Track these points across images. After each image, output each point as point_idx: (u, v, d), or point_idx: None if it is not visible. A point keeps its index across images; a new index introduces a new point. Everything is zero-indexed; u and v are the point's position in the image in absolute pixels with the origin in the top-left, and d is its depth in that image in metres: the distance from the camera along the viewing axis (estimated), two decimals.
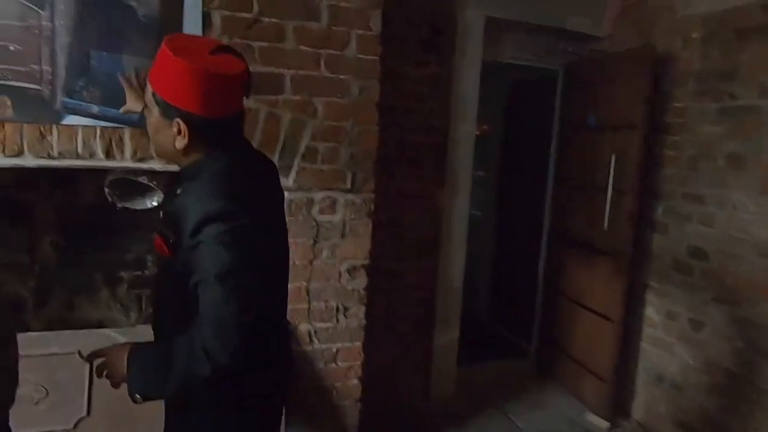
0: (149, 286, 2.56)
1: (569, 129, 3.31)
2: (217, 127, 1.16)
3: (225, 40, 1.92)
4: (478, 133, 3.11)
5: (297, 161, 2.09)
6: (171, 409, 1.34)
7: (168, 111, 1.12)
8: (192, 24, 1.84)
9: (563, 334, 3.28)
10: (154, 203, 2.14)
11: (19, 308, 2.37)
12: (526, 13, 2.97)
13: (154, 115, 1.15)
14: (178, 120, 1.12)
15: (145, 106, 1.20)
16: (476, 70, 2.92)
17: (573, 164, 3.25)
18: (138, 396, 1.13)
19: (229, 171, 1.16)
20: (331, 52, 2.07)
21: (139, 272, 2.58)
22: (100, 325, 2.51)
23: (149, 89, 1.16)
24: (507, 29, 3.10)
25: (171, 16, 1.82)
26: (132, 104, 1.66)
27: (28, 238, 2.34)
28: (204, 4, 1.88)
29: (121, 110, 1.71)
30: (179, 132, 1.13)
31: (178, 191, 1.20)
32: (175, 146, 1.15)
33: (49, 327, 2.38)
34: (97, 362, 1.22)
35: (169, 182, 1.71)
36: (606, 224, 2.87)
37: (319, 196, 2.14)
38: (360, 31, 2.10)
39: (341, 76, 2.10)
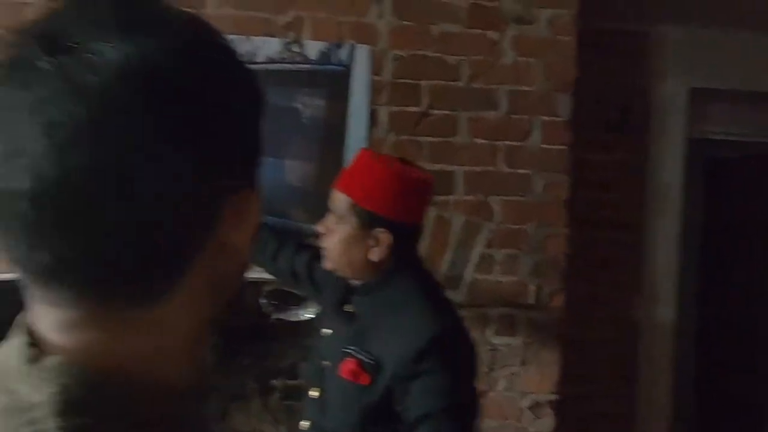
0: (301, 398, 2.37)
1: None
2: (414, 236, 1.15)
3: (392, 138, 1.73)
4: None
5: (469, 272, 1.77)
6: None
7: (370, 221, 1.08)
8: (358, 123, 1.68)
9: None
10: (309, 315, 1.97)
11: None
12: (744, 80, 2.43)
13: (349, 227, 1.10)
14: (381, 230, 1.08)
15: (337, 221, 1.11)
16: (678, 153, 2.43)
17: None
18: None
19: (427, 285, 1.12)
20: (510, 143, 1.78)
21: (291, 381, 2.41)
22: None
23: (343, 201, 1.11)
24: (713, 100, 2.57)
25: (336, 116, 1.68)
26: None
27: None
28: (370, 101, 1.72)
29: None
30: (377, 243, 1.08)
31: (347, 307, 1.15)
32: (367, 259, 1.09)
33: None
34: None
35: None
36: None
37: (495, 313, 1.79)
38: (545, 118, 1.79)
39: (521, 171, 1.79)
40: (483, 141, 1.77)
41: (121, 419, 0.34)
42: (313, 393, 1.18)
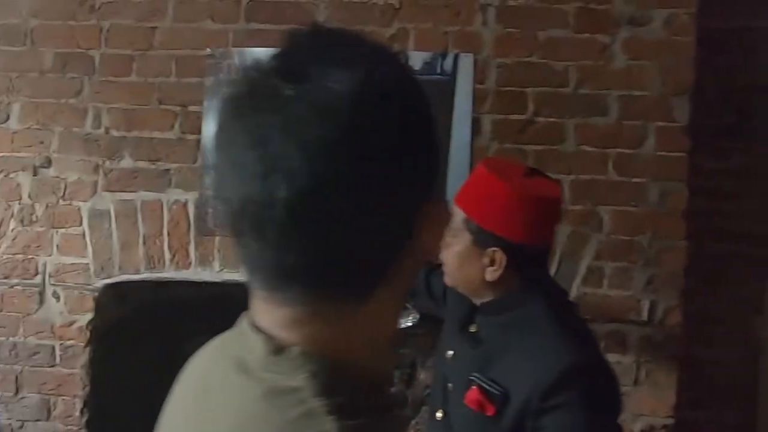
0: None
1: None
2: (536, 257, 1.08)
3: (495, 146, 1.71)
4: None
5: (576, 285, 1.71)
6: None
7: (483, 239, 1.03)
8: (461, 133, 1.69)
9: None
10: (409, 323, 1.98)
11: None
12: None
13: (463, 243, 1.05)
14: (494, 249, 1.01)
15: (453, 234, 1.07)
16: None
17: None
18: None
19: (560, 309, 1.05)
20: (622, 151, 1.71)
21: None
22: None
23: (459, 215, 1.05)
24: None
25: (440, 125, 1.68)
26: None
27: None
28: (473, 110, 1.71)
29: None
30: (492, 263, 1.02)
31: (472, 328, 1.10)
32: (484, 278, 1.03)
33: None
34: None
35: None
36: None
37: (604, 329, 1.70)
38: (660, 124, 1.70)
39: (634, 180, 1.71)
40: (592, 149, 1.71)
41: (361, 400, 0.38)
42: (439, 414, 1.13)
